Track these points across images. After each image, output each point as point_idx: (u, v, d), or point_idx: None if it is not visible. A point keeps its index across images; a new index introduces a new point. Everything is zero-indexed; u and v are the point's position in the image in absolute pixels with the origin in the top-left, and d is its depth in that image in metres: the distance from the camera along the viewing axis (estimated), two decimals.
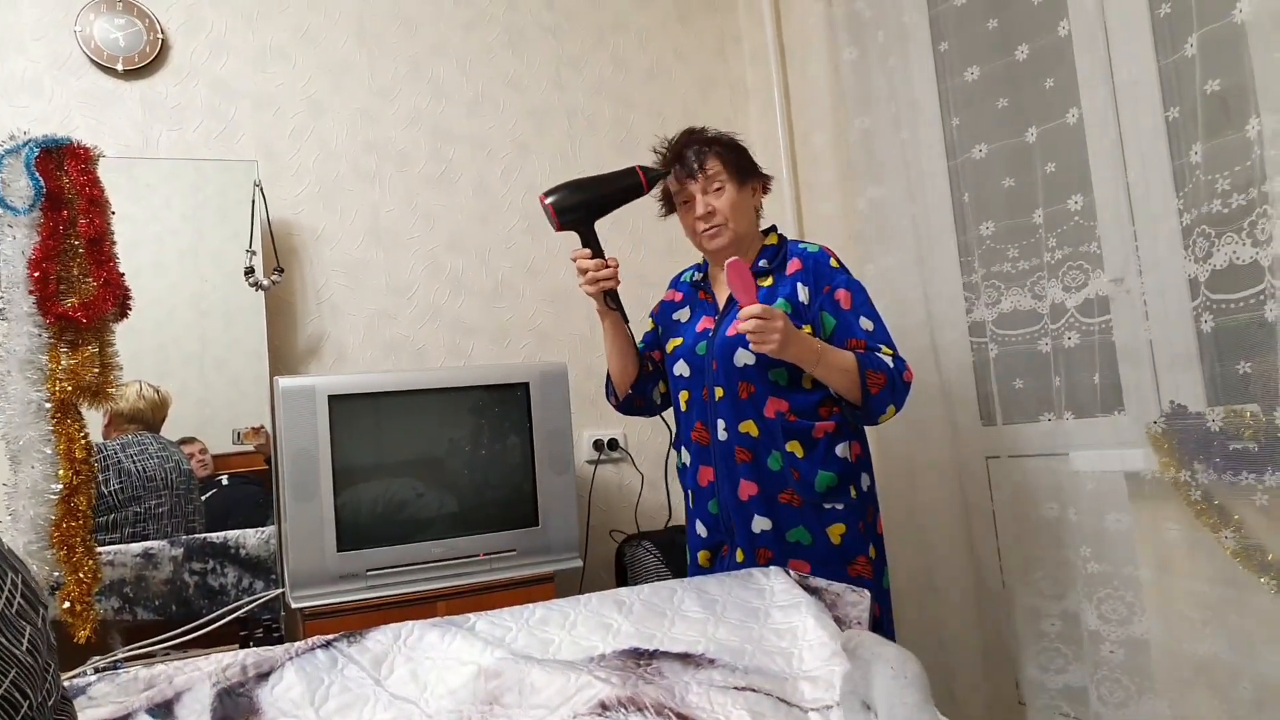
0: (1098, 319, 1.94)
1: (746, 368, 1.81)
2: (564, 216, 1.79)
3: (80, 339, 1.84)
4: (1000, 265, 2.18)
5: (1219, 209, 1.63)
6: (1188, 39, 1.65)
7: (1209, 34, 1.61)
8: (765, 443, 1.81)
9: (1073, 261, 1.99)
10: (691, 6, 3.13)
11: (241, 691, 1.26)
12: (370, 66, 2.69)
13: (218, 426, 2.35)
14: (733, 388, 1.83)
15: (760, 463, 1.81)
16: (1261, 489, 1.58)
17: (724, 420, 1.84)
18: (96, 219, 1.88)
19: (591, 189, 1.83)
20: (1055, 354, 2.01)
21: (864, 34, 2.46)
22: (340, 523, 2.07)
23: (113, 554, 2.12)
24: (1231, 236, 1.60)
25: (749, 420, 1.82)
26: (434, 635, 1.42)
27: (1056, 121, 2.01)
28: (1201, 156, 1.64)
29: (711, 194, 1.85)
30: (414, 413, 2.24)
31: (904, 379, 1.76)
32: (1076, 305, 1.98)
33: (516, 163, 2.84)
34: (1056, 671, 2.08)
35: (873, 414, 1.76)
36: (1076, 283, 1.98)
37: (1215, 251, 1.62)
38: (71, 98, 2.36)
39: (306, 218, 2.58)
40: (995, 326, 2.18)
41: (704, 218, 1.85)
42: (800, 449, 1.79)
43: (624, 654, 1.39)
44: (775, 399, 1.80)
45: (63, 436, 1.79)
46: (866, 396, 1.72)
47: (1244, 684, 1.65)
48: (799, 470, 1.78)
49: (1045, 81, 2.04)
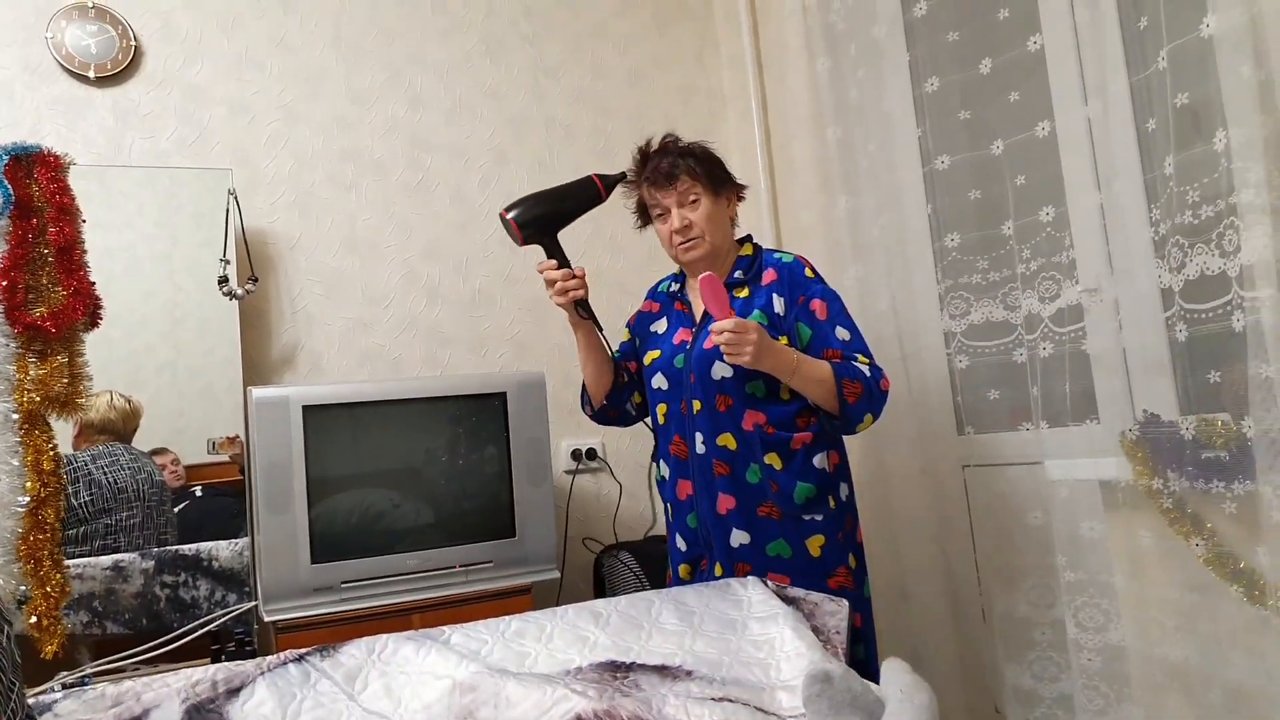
0: (1071, 329, 1.95)
1: (724, 380, 1.81)
2: (526, 230, 1.81)
3: (49, 349, 1.81)
4: (971, 276, 2.20)
5: (1190, 220, 1.65)
6: (1159, 53, 1.67)
7: (1178, 48, 1.64)
8: (743, 455, 1.80)
9: (1045, 272, 2.01)
10: (670, 15, 3.14)
11: (211, 708, 1.25)
12: (347, 74, 2.68)
13: (191, 437, 2.32)
14: (710, 401, 1.82)
15: (738, 476, 1.81)
16: (1231, 497, 1.60)
17: (702, 433, 1.84)
18: (66, 227, 1.85)
19: (551, 201, 1.84)
20: (1030, 364, 2.03)
21: (837, 45, 2.48)
22: (315, 534, 2.05)
23: (82, 567, 2.09)
24: (1202, 247, 1.62)
25: (727, 433, 1.81)
26: (409, 649, 1.40)
27: (1026, 133, 2.03)
28: (1174, 168, 1.66)
29: (687, 206, 1.85)
30: (390, 423, 2.22)
31: (881, 387, 1.76)
32: (1050, 315, 1.99)
33: (494, 171, 2.83)
34: (1050, 680, 2.08)
35: (850, 423, 1.76)
36: (1050, 293, 2.00)
37: (1188, 262, 1.64)
38: (43, 104, 2.33)
39: (281, 226, 2.56)
40: (967, 338, 2.20)
41: (680, 230, 1.85)
42: (779, 461, 1.79)
43: (601, 667, 1.38)
44: (753, 411, 1.80)
45: (30, 448, 1.76)
46: (844, 406, 1.73)
47: (1215, 690, 1.66)
48: (778, 482, 1.78)
49: (1011, 95, 2.06)
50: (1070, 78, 1.93)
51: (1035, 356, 2.01)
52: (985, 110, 2.13)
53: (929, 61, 2.26)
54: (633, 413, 2.07)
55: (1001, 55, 2.08)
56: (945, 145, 2.23)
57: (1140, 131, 1.82)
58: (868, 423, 1.77)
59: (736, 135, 3.09)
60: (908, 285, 2.33)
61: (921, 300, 2.32)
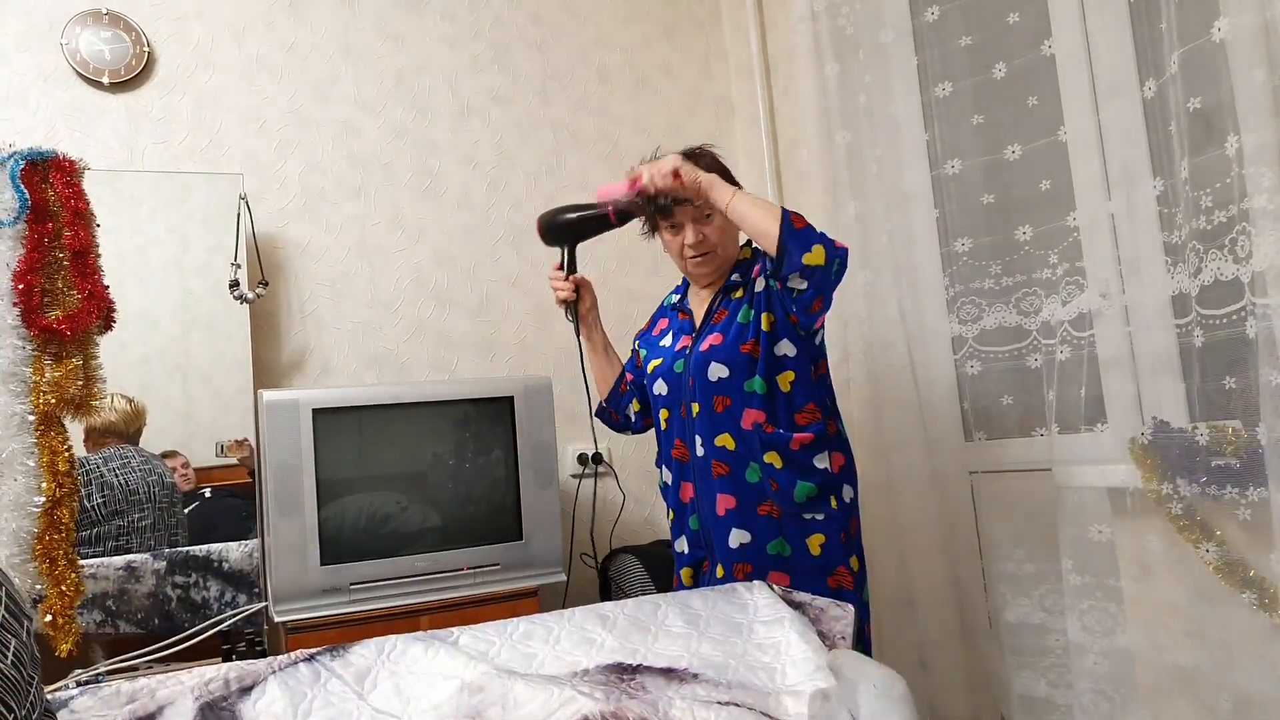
0: (1081, 335, 1.95)
1: (720, 381, 1.81)
2: (545, 237, 1.94)
3: (64, 351, 1.83)
4: (982, 281, 2.20)
5: (1203, 225, 1.64)
6: (1172, 57, 1.67)
7: (1191, 52, 1.63)
8: (743, 455, 1.81)
9: (1056, 278, 2.01)
10: (677, 23, 3.15)
11: (224, 705, 1.25)
12: (355, 80, 2.70)
13: (201, 440, 2.34)
14: (709, 403, 1.83)
15: (738, 476, 1.81)
16: (1245, 504, 1.59)
17: (701, 436, 1.85)
18: (81, 231, 1.88)
19: (570, 215, 1.90)
20: (1040, 370, 2.03)
21: (846, 50, 2.49)
22: (324, 536, 2.06)
23: (95, 567, 2.11)
24: (1215, 253, 1.62)
25: (725, 434, 1.82)
26: (418, 649, 1.41)
27: (1043, 140, 2.03)
28: (1188, 173, 1.66)
29: (702, 221, 1.85)
30: (398, 426, 2.24)
31: (836, 245, 1.67)
32: (1059, 321, 1.99)
33: (502, 176, 2.84)
34: (1065, 687, 2.06)
35: (797, 251, 1.64)
36: (1060, 299, 2.00)
37: (1204, 267, 1.64)
38: (57, 110, 2.36)
39: (292, 231, 2.58)
40: (977, 343, 2.20)
41: (695, 245, 1.85)
42: (779, 460, 1.79)
43: (608, 669, 1.39)
44: (752, 410, 1.80)
45: (46, 449, 1.78)
46: (788, 228, 1.63)
47: (1225, 695, 1.66)
48: (778, 481, 1.78)
49: (1027, 99, 2.07)
50: (1082, 83, 1.93)
51: (1047, 362, 2.01)
52: (997, 115, 2.13)
53: (939, 66, 2.27)
54: (632, 419, 2.10)
55: (1015, 59, 2.09)
56: (955, 150, 2.24)
57: (1152, 137, 1.82)
58: (819, 255, 1.63)
59: (744, 142, 3.10)
60: (916, 291, 2.34)
61: (929, 306, 2.32)
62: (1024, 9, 2.07)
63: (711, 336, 1.84)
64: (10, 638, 0.76)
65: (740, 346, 1.80)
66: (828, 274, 1.66)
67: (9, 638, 0.76)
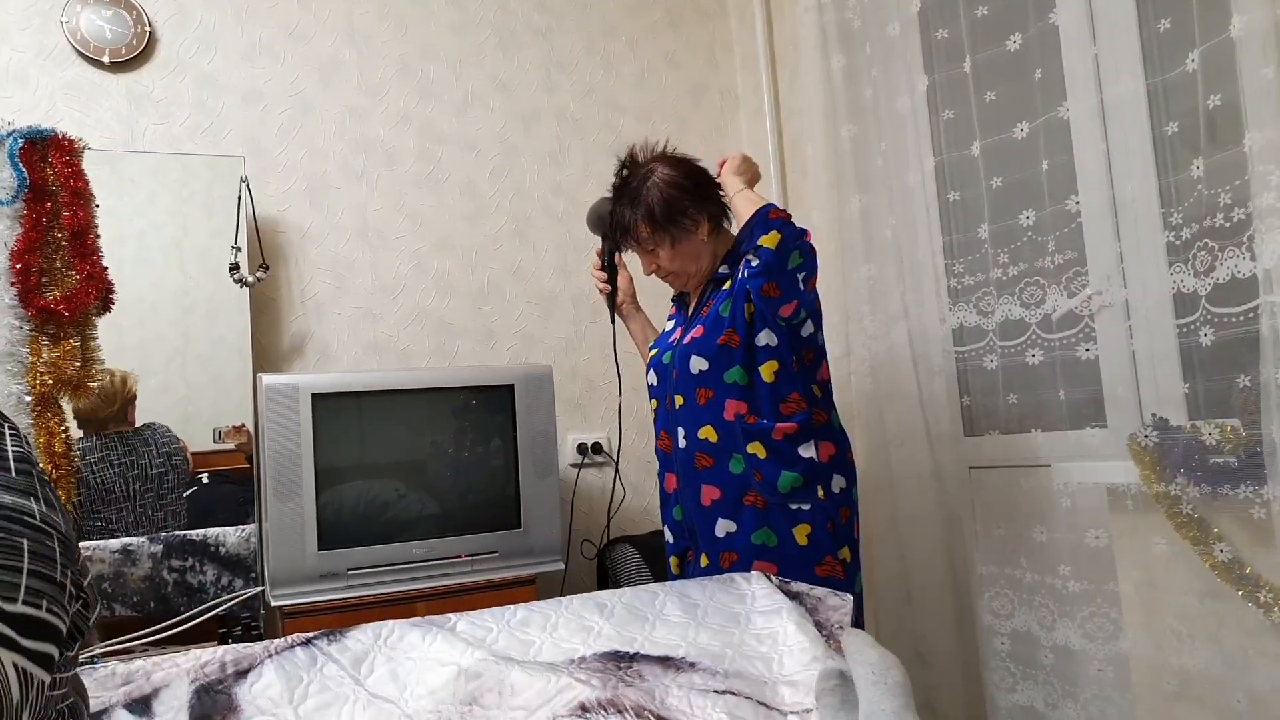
0: (1082, 331, 1.95)
1: (702, 374, 1.81)
2: (589, 224, 2.06)
3: (62, 332, 1.83)
4: (985, 275, 2.19)
5: (1210, 224, 1.64)
6: (1188, 54, 1.66)
7: (1206, 50, 1.63)
8: (726, 447, 1.80)
9: (1057, 275, 2.00)
10: (683, 13, 3.13)
11: (220, 689, 1.25)
12: (359, 65, 2.69)
13: (199, 424, 2.33)
14: (691, 395, 1.83)
15: (721, 468, 1.81)
16: (1243, 502, 1.59)
17: (683, 428, 1.85)
18: (80, 211, 1.87)
19: (604, 212, 1.98)
20: (1040, 366, 2.02)
21: (852, 43, 2.47)
22: (321, 522, 2.06)
23: (91, 549, 2.10)
24: (1232, 250, 1.61)
25: (708, 426, 1.81)
26: (415, 635, 1.41)
27: (1040, 168, 2.02)
28: (1201, 171, 1.65)
29: (649, 256, 1.91)
30: (398, 413, 2.23)
31: (804, 236, 1.77)
32: (1059, 318, 1.99)
33: (505, 164, 2.83)
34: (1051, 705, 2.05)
35: (759, 233, 1.75)
36: (1061, 295, 1.99)
37: (1218, 265, 1.63)
38: (57, 89, 2.34)
39: (293, 215, 2.57)
40: (979, 338, 2.19)
41: (651, 274, 1.95)
42: (762, 450, 1.78)
43: (605, 656, 1.38)
44: (734, 401, 1.79)
45: (43, 430, 1.78)
46: (760, 215, 1.77)
47: (1238, 696, 1.65)
48: (761, 472, 1.77)
49: (1033, 100, 2.05)
50: (1087, 81, 1.92)
51: (1044, 359, 2.01)
52: (1004, 105, 2.12)
53: (945, 61, 2.25)
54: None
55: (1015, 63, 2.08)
56: (965, 139, 2.22)
57: (1155, 133, 1.81)
58: (772, 238, 1.72)
59: (749, 134, 3.09)
60: (917, 286, 2.33)
61: (929, 301, 2.31)
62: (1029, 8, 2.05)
63: (695, 329, 1.85)
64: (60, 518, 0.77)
65: (717, 339, 1.79)
66: (777, 258, 1.71)
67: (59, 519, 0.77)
